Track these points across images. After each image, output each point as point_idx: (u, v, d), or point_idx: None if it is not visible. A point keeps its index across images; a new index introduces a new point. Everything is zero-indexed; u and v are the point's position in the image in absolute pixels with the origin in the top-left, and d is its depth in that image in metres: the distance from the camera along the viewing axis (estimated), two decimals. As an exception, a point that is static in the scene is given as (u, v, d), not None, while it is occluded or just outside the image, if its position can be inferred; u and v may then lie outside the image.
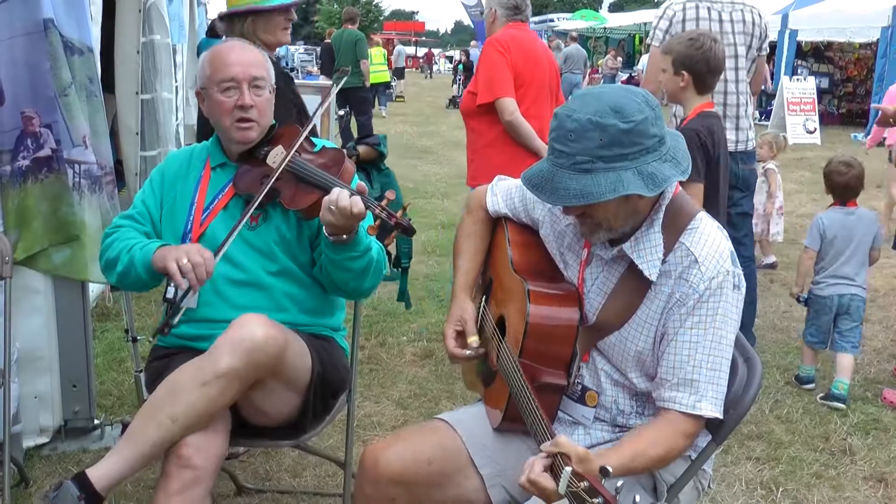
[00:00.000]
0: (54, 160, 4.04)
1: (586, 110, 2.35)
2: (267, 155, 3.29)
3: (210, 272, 2.99)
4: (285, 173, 3.21)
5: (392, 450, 2.73)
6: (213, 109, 3.29)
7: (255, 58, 3.32)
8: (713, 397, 2.50)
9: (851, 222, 5.57)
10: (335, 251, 3.08)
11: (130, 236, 3.28)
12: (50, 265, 4.20)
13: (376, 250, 3.21)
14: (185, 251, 3.01)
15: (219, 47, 3.36)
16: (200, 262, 2.97)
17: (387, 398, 5.31)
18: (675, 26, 5.62)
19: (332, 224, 2.96)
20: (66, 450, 4.46)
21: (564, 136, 2.37)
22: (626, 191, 2.34)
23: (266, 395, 3.08)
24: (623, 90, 2.45)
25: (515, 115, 5.49)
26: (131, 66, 6.58)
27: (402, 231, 2.94)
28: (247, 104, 3.23)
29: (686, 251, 2.53)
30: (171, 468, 2.85)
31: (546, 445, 2.22)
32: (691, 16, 5.62)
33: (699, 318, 2.51)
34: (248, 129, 3.28)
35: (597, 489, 1.99)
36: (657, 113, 2.42)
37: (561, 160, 2.38)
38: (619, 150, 2.34)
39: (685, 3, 5.67)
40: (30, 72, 3.95)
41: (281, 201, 3.21)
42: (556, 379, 2.66)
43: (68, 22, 4.07)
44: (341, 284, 3.23)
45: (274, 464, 4.43)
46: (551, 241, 2.85)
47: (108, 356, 5.59)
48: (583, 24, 38.85)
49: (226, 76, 3.23)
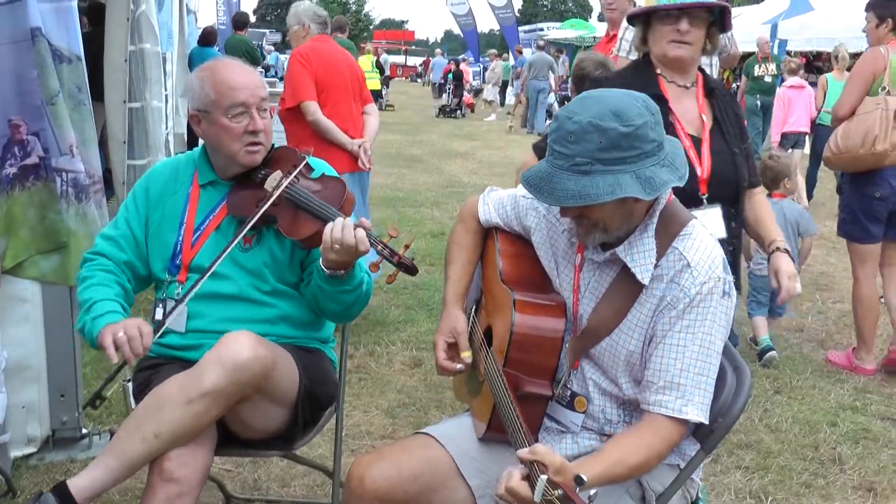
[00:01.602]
0: (42, 168, 4.03)
1: (587, 113, 2.37)
2: (265, 178, 3.24)
3: (146, 347, 2.95)
4: (283, 199, 3.17)
5: (377, 468, 2.71)
6: (220, 134, 3.19)
7: (258, 79, 3.25)
8: (699, 402, 2.51)
9: (776, 211, 5.74)
10: (328, 283, 3.06)
11: (99, 282, 3.21)
12: (38, 272, 4.18)
13: (367, 283, 3.19)
14: (124, 325, 2.97)
15: (218, 68, 3.23)
16: (136, 336, 2.93)
17: (376, 407, 5.30)
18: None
19: (333, 259, 2.95)
20: (53, 460, 4.43)
21: (564, 137, 2.39)
22: (624, 193, 2.36)
23: (253, 411, 3.06)
24: (624, 94, 2.46)
25: (317, 115, 6.37)
26: (119, 75, 6.57)
27: (405, 270, 2.94)
28: (259, 129, 3.17)
29: (679, 255, 2.54)
30: (155, 481, 2.84)
31: (522, 452, 2.23)
32: None
33: (688, 322, 2.51)
34: (257, 153, 3.22)
35: (570, 497, 2.00)
36: (657, 118, 2.44)
37: (560, 161, 2.40)
38: (619, 153, 2.36)
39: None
40: (17, 80, 3.94)
41: (279, 228, 3.16)
42: (540, 389, 2.66)
43: (57, 30, 4.05)
44: (327, 312, 3.23)
45: (262, 473, 4.41)
46: (544, 247, 2.85)
47: (97, 365, 5.56)
48: (572, 33, 38.80)
49: (235, 101, 3.14)
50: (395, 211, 11.48)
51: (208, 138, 3.26)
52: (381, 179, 13.79)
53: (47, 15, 4.00)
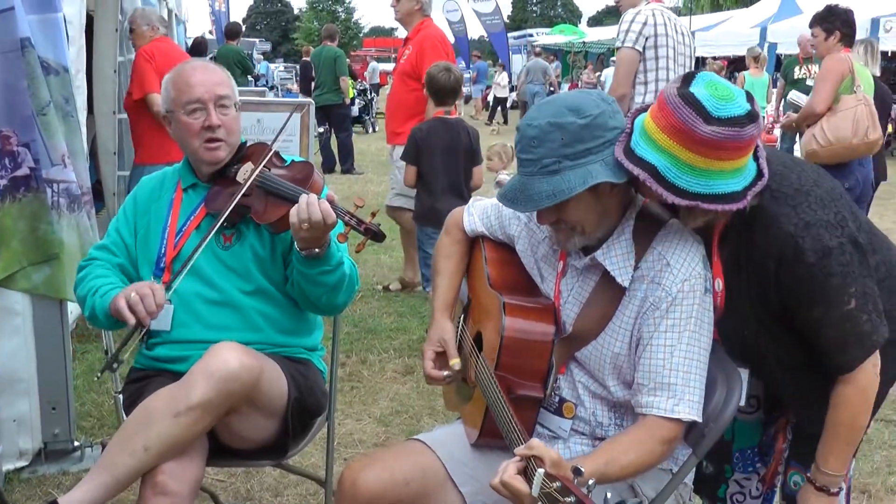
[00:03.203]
0: (32, 179, 4.03)
1: (544, 115, 2.44)
2: (237, 172, 3.29)
3: (160, 304, 2.97)
4: (255, 189, 3.20)
5: (370, 472, 2.72)
6: (181, 132, 3.27)
7: (218, 77, 3.31)
8: (690, 400, 2.52)
9: None
10: (308, 266, 3.06)
11: (99, 274, 3.26)
12: (30, 284, 4.17)
13: (349, 265, 3.19)
14: (135, 286, 3.01)
15: (181, 68, 3.33)
16: (148, 293, 2.95)
17: (368, 415, 5.29)
18: (648, 28, 6.10)
19: (304, 238, 2.96)
20: (46, 472, 4.42)
21: (528, 143, 2.45)
22: (596, 180, 2.41)
23: (243, 422, 3.06)
24: (577, 92, 2.57)
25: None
26: (109, 86, 6.60)
27: (372, 237, 2.96)
28: (214, 124, 3.22)
29: (658, 255, 2.57)
30: (147, 494, 2.83)
31: (520, 449, 2.22)
32: (660, 20, 6.14)
33: (673, 322, 2.53)
34: (217, 149, 3.26)
35: (569, 489, 1.99)
36: (614, 107, 2.51)
37: (529, 168, 2.45)
38: (582, 145, 2.42)
39: (653, 9, 6.20)
40: (7, 91, 3.94)
41: (251, 216, 3.20)
42: (532, 392, 2.67)
43: (44, 42, 4.05)
44: (314, 300, 3.21)
45: (255, 483, 4.41)
46: (527, 255, 2.88)
47: (88, 377, 5.55)
48: (562, 38, 38.94)
49: (191, 98, 3.21)
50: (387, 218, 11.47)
51: (178, 139, 3.34)
52: (373, 187, 13.81)
53: (34, 26, 4.00)
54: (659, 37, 6.12)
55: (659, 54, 6.14)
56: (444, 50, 7.85)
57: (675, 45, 6.21)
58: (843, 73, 6.61)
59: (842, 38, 6.75)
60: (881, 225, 6.25)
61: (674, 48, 6.19)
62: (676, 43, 6.23)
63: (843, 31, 6.77)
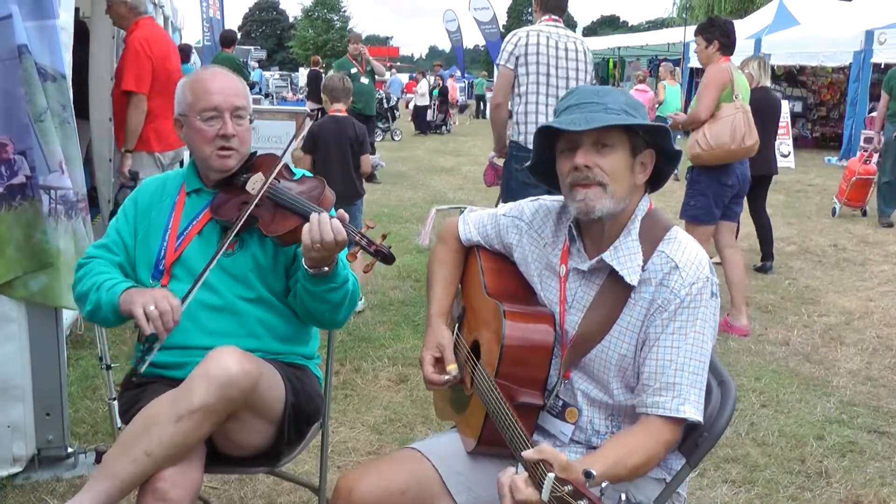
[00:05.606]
0: (28, 187, 4.02)
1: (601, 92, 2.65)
2: (246, 182, 3.29)
3: (177, 321, 2.98)
4: (265, 200, 3.20)
5: (365, 481, 2.72)
6: (194, 137, 3.28)
7: (237, 86, 3.33)
8: (695, 401, 2.53)
9: None
10: (314, 283, 3.06)
11: (100, 270, 3.26)
12: (27, 292, 4.17)
13: (352, 282, 3.20)
14: (153, 297, 3.00)
15: (200, 74, 3.35)
16: (167, 310, 2.96)
17: (362, 424, 5.29)
18: (518, 48, 6.77)
19: (314, 258, 2.96)
20: (39, 479, 4.41)
21: (592, 93, 2.62)
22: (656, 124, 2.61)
23: (240, 427, 3.05)
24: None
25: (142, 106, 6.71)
26: (104, 93, 6.58)
27: (382, 258, 2.94)
28: (229, 133, 3.24)
29: (666, 258, 2.59)
30: (147, 501, 2.82)
31: (528, 453, 2.19)
32: (533, 41, 6.78)
33: (680, 324, 2.55)
34: (229, 158, 3.28)
35: (581, 492, 1.98)
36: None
37: (592, 106, 2.58)
38: (638, 112, 2.61)
39: (528, 31, 6.85)
40: (4, 98, 3.92)
41: (259, 227, 3.19)
42: (532, 399, 2.67)
43: (41, 48, 4.05)
44: (317, 315, 3.22)
45: (248, 490, 4.40)
46: (526, 263, 2.89)
47: (82, 384, 5.55)
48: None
49: (208, 105, 3.23)
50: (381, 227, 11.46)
51: (187, 142, 3.35)
52: (366, 196, 13.74)
53: (31, 33, 3.99)
54: (529, 55, 6.75)
55: (529, 70, 6.77)
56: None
57: (554, 62, 6.81)
58: (724, 82, 7.21)
59: (720, 47, 7.29)
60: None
61: (553, 65, 6.81)
62: (557, 59, 6.82)
63: (721, 41, 7.29)
